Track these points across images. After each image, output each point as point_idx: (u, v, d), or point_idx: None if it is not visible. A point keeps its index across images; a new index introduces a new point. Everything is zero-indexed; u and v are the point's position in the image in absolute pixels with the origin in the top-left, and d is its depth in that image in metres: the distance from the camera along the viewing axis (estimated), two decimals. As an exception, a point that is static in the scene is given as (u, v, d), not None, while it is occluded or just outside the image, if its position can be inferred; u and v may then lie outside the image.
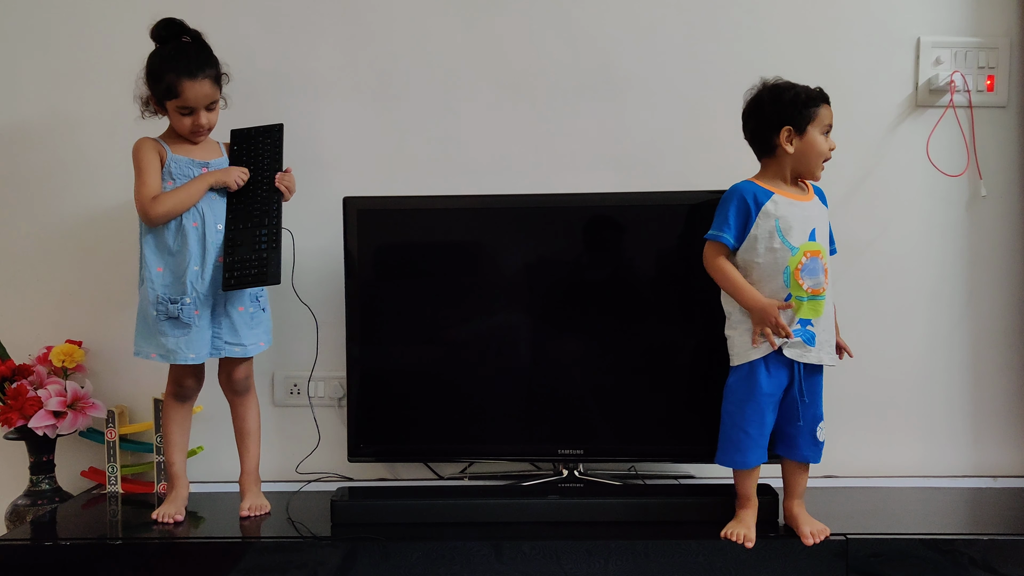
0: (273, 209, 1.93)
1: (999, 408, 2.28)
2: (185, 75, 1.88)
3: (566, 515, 1.92)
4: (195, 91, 1.89)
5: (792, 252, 1.79)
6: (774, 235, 1.80)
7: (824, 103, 1.83)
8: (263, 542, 1.85)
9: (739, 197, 1.83)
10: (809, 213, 1.83)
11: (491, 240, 2.13)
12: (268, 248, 1.89)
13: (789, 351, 1.79)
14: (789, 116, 1.82)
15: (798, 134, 1.82)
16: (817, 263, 1.80)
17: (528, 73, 2.26)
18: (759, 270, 1.81)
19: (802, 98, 1.83)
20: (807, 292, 1.79)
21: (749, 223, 1.81)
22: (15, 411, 2.10)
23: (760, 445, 1.82)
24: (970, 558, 1.79)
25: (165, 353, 1.91)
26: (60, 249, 2.28)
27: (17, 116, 2.28)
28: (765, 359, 1.80)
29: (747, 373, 1.81)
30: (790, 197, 1.83)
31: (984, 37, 2.23)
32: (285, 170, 1.99)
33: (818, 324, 1.80)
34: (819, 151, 1.83)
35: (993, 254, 2.27)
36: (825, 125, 1.83)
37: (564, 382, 2.12)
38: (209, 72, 1.91)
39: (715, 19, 2.24)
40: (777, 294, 1.79)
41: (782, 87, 1.85)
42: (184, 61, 1.89)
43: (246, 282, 1.88)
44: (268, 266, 1.88)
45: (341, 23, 2.26)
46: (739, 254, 1.83)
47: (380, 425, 2.12)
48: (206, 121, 1.93)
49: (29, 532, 1.95)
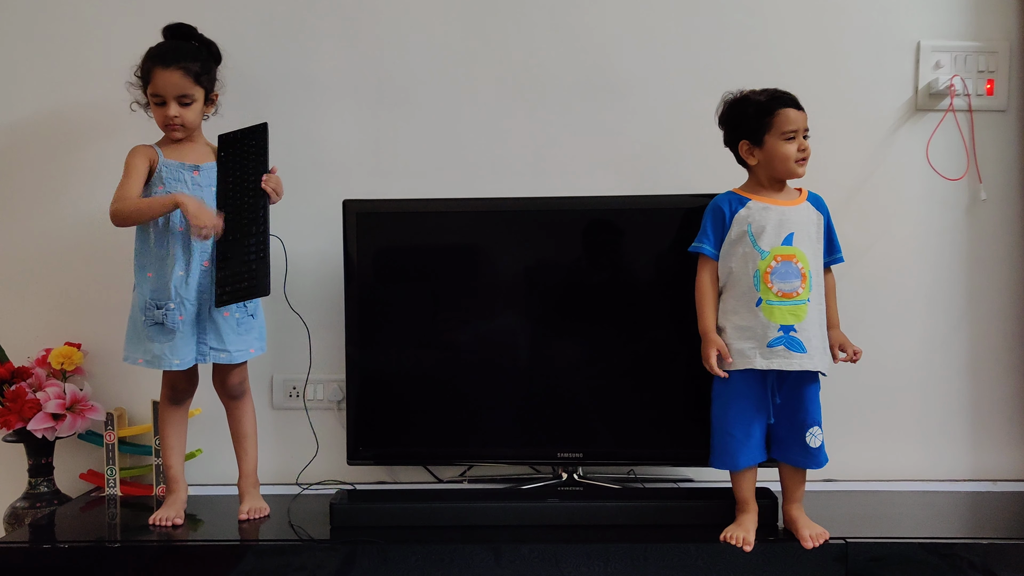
0: (260, 216, 1.91)
1: (999, 412, 2.28)
2: (158, 63, 1.90)
3: (565, 518, 1.92)
4: (164, 79, 1.89)
5: (761, 256, 1.80)
6: (745, 239, 1.82)
7: (781, 107, 1.82)
8: (262, 545, 1.85)
9: (715, 207, 1.87)
10: (789, 218, 1.83)
11: (490, 243, 2.13)
12: (257, 259, 1.88)
13: (771, 362, 1.78)
14: (744, 130, 1.86)
15: (756, 145, 1.85)
16: (791, 267, 1.80)
17: (528, 76, 2.26)
18: (733, 275, 1.84)
19: (751, 111, 1.85)
20: (777, 296, 1.79)
21: (725, 230, 1.85)
22: (14, 413, 2.10)
23: (749, 447, 1.82)
24: (969, 562, 1.78)
25: (151, 359, 1.90)
26: (59, 252, 2.28)
27: (17, 119, 2.28)
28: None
29: (730, 376, 1.83)
30: (766, 201, 1.84)
31: (984, 41, 2.23)
32: (271, 170, 1.96)
33: (804, 330, 1.79)
34: (781, 157, 1.83)
35: (993, 258, 2.27)
36: (785, 130, 1.82)
37: (563, 385, 2.12)
38: (184, 64, 1.91)
39: (715, 23, 2.25)
40: (747, 297, 1.81)
41: (736, 102, 1.89)
42: (162, 50, 1.92)
43: (238, 296, 1.88)
44: (258, 278, 1.87)
45: (340, 26, 2.26)
46: (720, 261, 1.86)
47: (379, 428, 2.12)
48: (176, 113, 1.91)
49: (27, 535, 1.95)
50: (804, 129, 1.84)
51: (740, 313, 1.82)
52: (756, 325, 1.80)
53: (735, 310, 1.83)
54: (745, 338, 1.81)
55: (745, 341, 1.81)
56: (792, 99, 1.84)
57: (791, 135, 1.82)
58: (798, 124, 1.83)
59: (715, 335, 1.84)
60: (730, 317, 1.84)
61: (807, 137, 1.85)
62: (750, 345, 1.80)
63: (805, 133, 1.84)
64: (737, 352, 1.81)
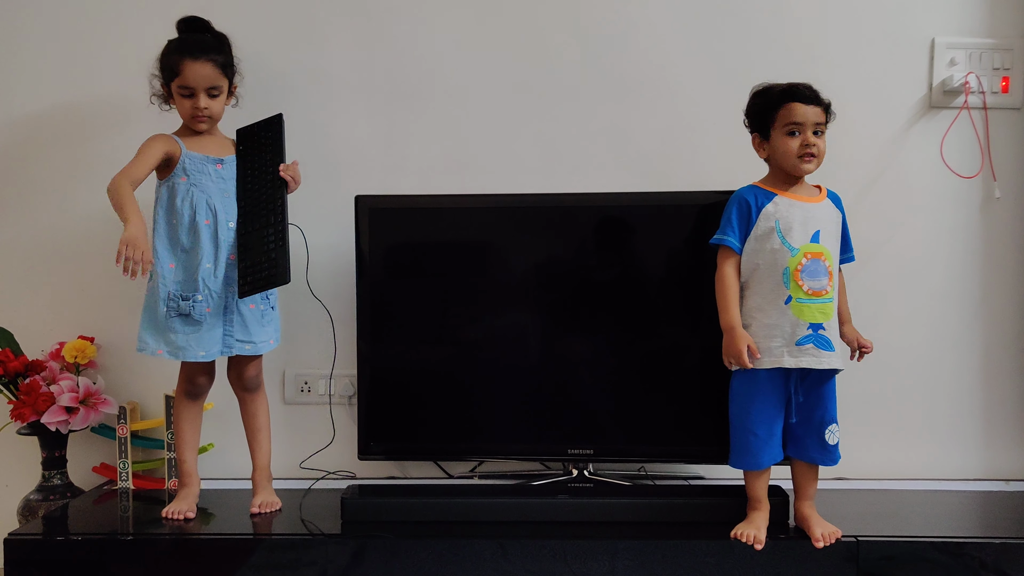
0: (278, 206, 1.93)
1: (1012, 411, 2.27)
2: (187, 55, 1.90)
3: (575, 515, 1.92)
4: (195, 71, 1.90)
5: (792, 253, 1.79)
6: (774, 235, 1.80)
7: (787, 101, 1.81)
8: (274, 539, 1.86)
9: (740, 199, 1.85)
10: (814, 215, 1.82)
11: (502, 239, 2.13)
12: (277, 248, 1.89)
13: (799, 360, 1.78)
14: (754, 124, 1.88)
15: (765, 139, 1.85)
16: (819, 265, 1.79)
17: (541, 72, 2.26)
18: (760, 271, 1.82)
19: (758, 107, 1.86)
20: (807, 294, 1.78)
21: (751, 225, 1.83)
22: (28, 407, 2.12)
23: (771, 445, 1.82)
24: (981, 562, 1.78)
25: (174, 350, 1.91)
26: (73, 245, 2.29)
27: (31, 112, 2.29)
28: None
29: (749, 375, 1.81)
30: (792, 198, 1.83)
31: (999, 38, 2.22)
32: (291, 163, 1.98)
33: (831, 327, 1.80)
34: (783, 151, 1.81)
35: (1006, 256, 2.25)
36: (788, 124, 1.80)
37: (574, 382, 2.12)
38: (213, 56, 1.92)
39: (730, 20, 2.24)
40: (775, 294, 1.80)
41: (754, 94, 1.89)
42: (188, 43, 1.93)
43: (259, 286, 1.88)
44: (277, 267, 1.88)
45: (352, 21, 2.26)
46: (744, 255, 1.84)
47: (390, 423, 2.13)
48: (205, 104, 1.93)
49: (41, 527, 1.96)
50: (814, 124, 1.80)
51: (766, 311, 1.81)
52: (784, 323, 1.79)
53: (760, 307, 1.82)
54: (773, 336, 1.79)
55: (773, 339, 1.79)
56: (803, 93, 1.81)
57: (794, 129, 1.80)
58: (804, 118, 1.80)
59: (742, 329, 1.80)
60: (755, 315, 1.82)
61: (819, 133, 1.82)
62: (778, 343, 1.79)
63: (816, 128, 1.81)
64: (764, 350, 1.80)
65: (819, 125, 1.82)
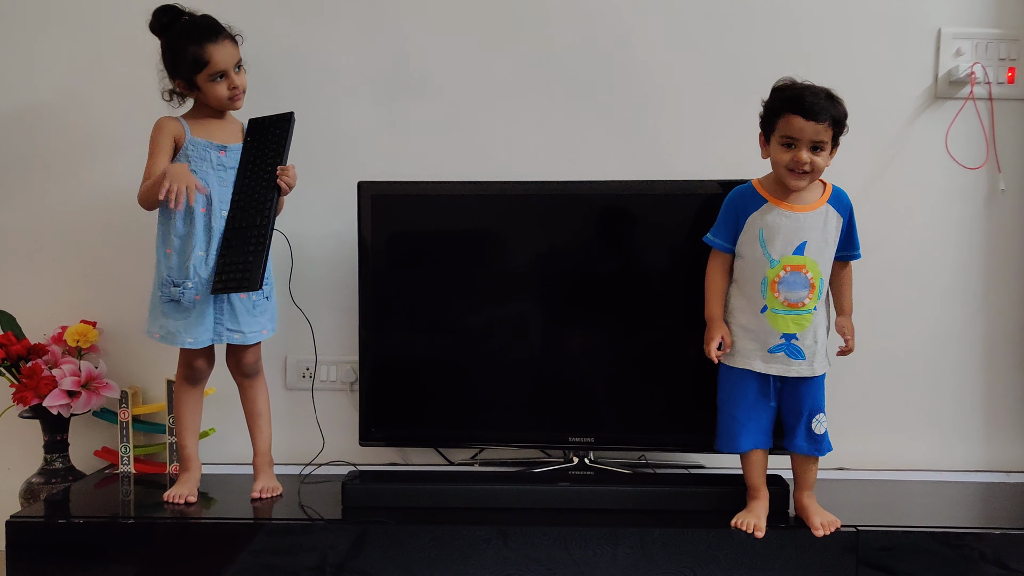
0: (267, 208, 1.92)
1: (1012, 403, 2.27)
2: (208, 41, 1.89)
3: (575, 502, 1.92)
4: (221, 53, 1.90)
5: (771, 264, 1.78)
6: (756, 244, 1.80)
7: (788, 111, 1.72)
8: (274, 524, 1.86)
9: (730, 201, 1.85)
10: (803, 225, 1.78)
11: (504, 226, 2.12)
12: (255, 252, 1.88)
13: (770, 367, 1.80)
14: (762, 123, 1.81)
15: (767, 142, 1.81)
16: (799, 277, 1.77)
17: (544, 61, 2.25)
18: (743, 274, 1.83)
19: (766, 107, 1.80)
20: (782, 304, 1.78)
21: (738, 229, 1.83)
22: (30, 390, 2.12)
23: (750, 431, 1.83)
24: (980, 552, 1.78)
25: (166, 334, 1.92)
26: (76, 229, 2.29)
27: (34, 97, 2.28)
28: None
29: (733, 369, 1.84)
30: (782, 207, 1.79)
31: (1006, 29, 2.20)
32: (288, 165, 1.96)
33: (805, 337, 1.79)
34: (776, 161, 1.77)
35: (1011, 248, 2.25)
36: (785, 136, 1.73)
37: (575, 371, 2.12)
38: (226, 34, 1.92)
39: (734, 9, 2.22)
40: (754, 301, 1.81)
41: (770, 91, 1.80)
42: (199, 30, 1.91)
43: (231, 287, 1.88)
44: (251, 271, 1.87)
45: (357, 9, 2.25)
46: (736, 254, 1.85)
47: (391, 410, 2.13)
48: (240, 82, 1.94)
49: (43, 510, 1.97)
50: (812, 140, 1.71)
51: (746, 313, 1.82)
52: (759, 330, 1.80)
53: (741, 309, 1.83)
54: (749, 339, 1.82)
55: (749, 342, 1.82)
56: (807, 106, 1.70)
57: (790, 142, 1.74)
58: (800, 134, 1.71)
59: (722, 322, 1.84)
60: (736, 315, 1.84)
61: (819, 149, 1.73)
62: (753, 347, 1.81)
63: (815, 143, 1.72)
64: (740, 350, 1.82)
65: (820, 142, 1.72)
